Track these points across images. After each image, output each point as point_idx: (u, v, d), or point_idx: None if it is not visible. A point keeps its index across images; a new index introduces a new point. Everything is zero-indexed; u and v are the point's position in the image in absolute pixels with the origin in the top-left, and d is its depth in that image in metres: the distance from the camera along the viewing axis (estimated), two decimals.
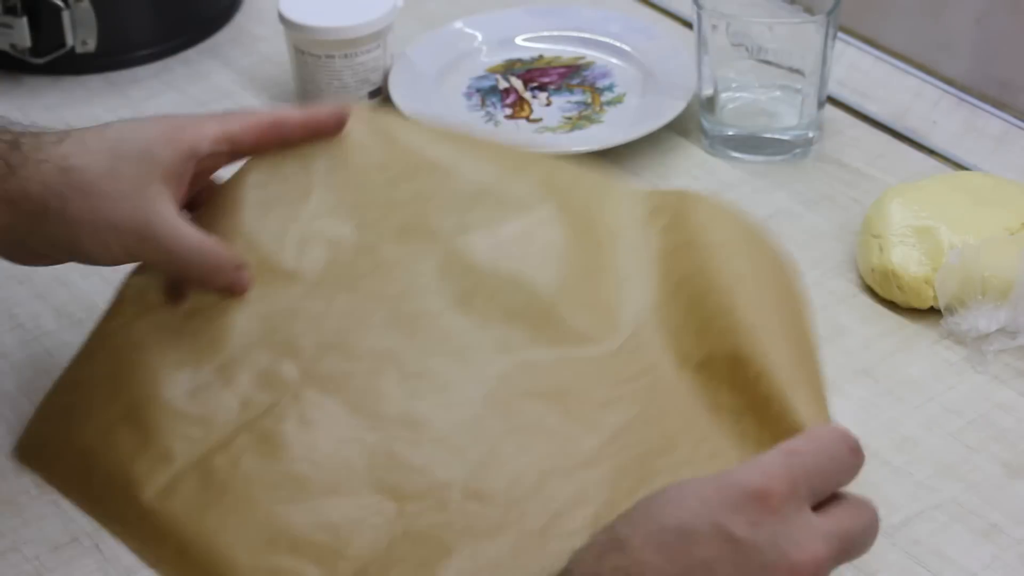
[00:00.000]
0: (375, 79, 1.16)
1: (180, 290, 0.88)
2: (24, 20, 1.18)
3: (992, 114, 1.14)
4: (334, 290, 0.88)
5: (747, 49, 1.08)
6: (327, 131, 0.92)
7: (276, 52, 1.22)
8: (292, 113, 0.91)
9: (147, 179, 0.85)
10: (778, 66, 1.08)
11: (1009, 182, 1.03)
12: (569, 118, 1.14)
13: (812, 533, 0.67)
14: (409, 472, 0.80)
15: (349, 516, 0.79)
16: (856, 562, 0.82)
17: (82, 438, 0.85)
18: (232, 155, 0.90)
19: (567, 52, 1.21)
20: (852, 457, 0.70)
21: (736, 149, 1.11)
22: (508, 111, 1.15)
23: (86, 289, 1.02)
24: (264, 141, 0.90)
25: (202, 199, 0.91)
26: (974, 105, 1.15)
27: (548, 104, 1.16)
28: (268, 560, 0.79)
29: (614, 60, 1.20)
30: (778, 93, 1.10)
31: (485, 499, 0.78)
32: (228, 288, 0.87)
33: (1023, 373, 0.94)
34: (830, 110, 1.15)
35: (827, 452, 0.70)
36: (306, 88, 1.16)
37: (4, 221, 0.85)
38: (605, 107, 1.15)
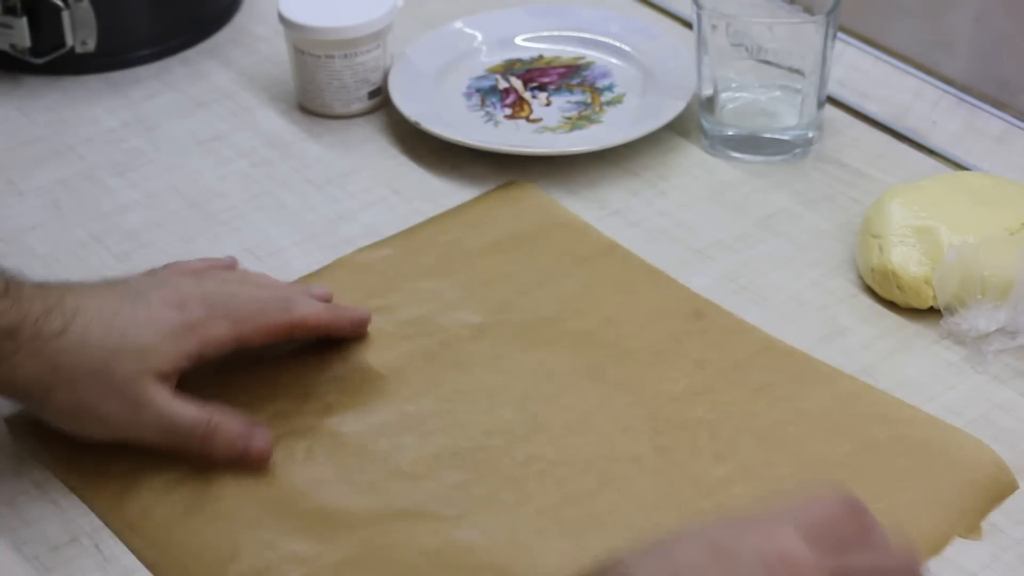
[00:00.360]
0: (375, 79, 1.16)
1: None
2: (24, 20, 1.18)
3: (992, 114, 1.14)
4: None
5: (747, 49, 1.08)
6: (345, 335, 0.94)
7: (276, 52, 1.22)
8: (311, 317, 0.90)
9: (140, 375, 0.85)
10: (778, 66, 1.08)
11: (1009, 182, 1.03)
12: (569, 118, 1.14)
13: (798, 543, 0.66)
14: None
15: None
16: None
17: None
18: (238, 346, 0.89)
19: (567, 52, 1.21)
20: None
21: (736, 149, 1.11)
22: (508, 111, 1.15)
23: None
24: (275, 339, 0.91)
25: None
26: (974, 105, 1.15)
27: (548, 104, 1.15)
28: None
29: (614, 60, 1.20)
30: (778, 93, 1.10)
31: None
32: (243, 458, 0.86)
33: (1023, 373, 0.94)
34: (830, 110, 1.15)
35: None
36: (306, 88, 1.16)
37: None
38: (605, 107, 1.15)
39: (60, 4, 1.17)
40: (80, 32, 1.19)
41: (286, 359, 0.94)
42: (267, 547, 0.83)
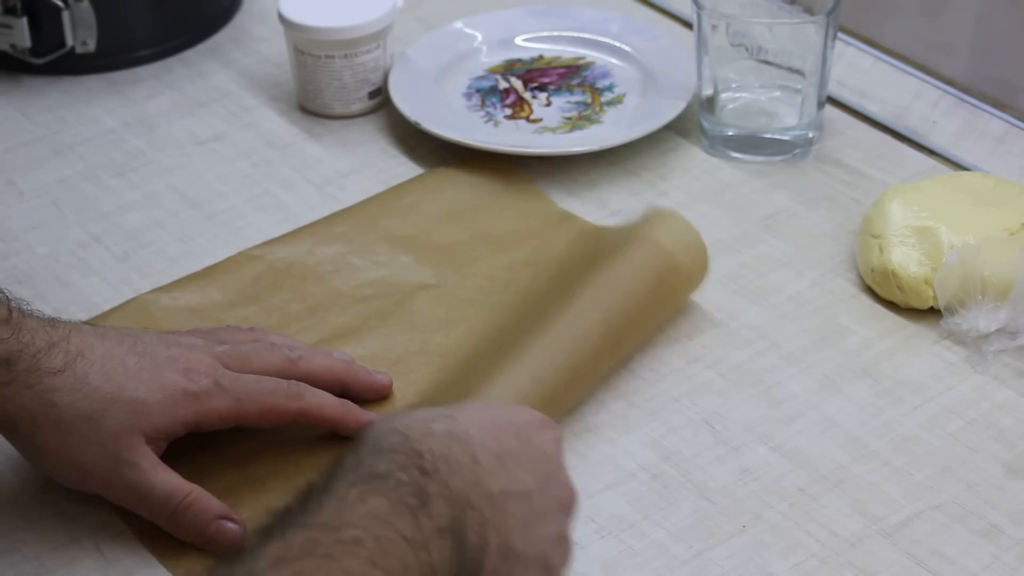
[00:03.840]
0: (375, 79, 1.16)
1: None
2: (24, 20, 1.18)
3: (992, 114, 1.14)
4: None
5: (747, 49, 1.08)
6: (344, 432, 0.90)
7: (276, 52, 1.22)
8: (318, 410, 0.88)
9: (129, 431, 0.83)
10: (778, 66, 1.08)
11: (1009, 182, 1.03)
12: (569, 118, 1.14)
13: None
14: None
15: None
16: (856, 562, 0.83)
17: None
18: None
19: (567, 52, 1.21)
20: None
21: (736, 149, 1.11)
22: (508, 111, 1.15)
23: (86, 290, 1.02)
24: (278, 424, 0.88)
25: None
26: (974, 105, 1.15)
27: (548, 104, 1.15)
28: None
29: (614, 60, 1.20)
30: (778, 93, 1.10)
31: None
32: (211, 541, 0.84)
33: (1023, 373, 0.94)
34: (830, 110, 1.15)
35: None
36: (306, 88, 1.16)
37: None
38: (605, 107, 1.15)
39: (60, 4, 1.17)
40: (80, 32, 1.19)
41: None
42: None
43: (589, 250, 0.96)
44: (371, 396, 0.92)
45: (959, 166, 1.10)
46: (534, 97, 1.16)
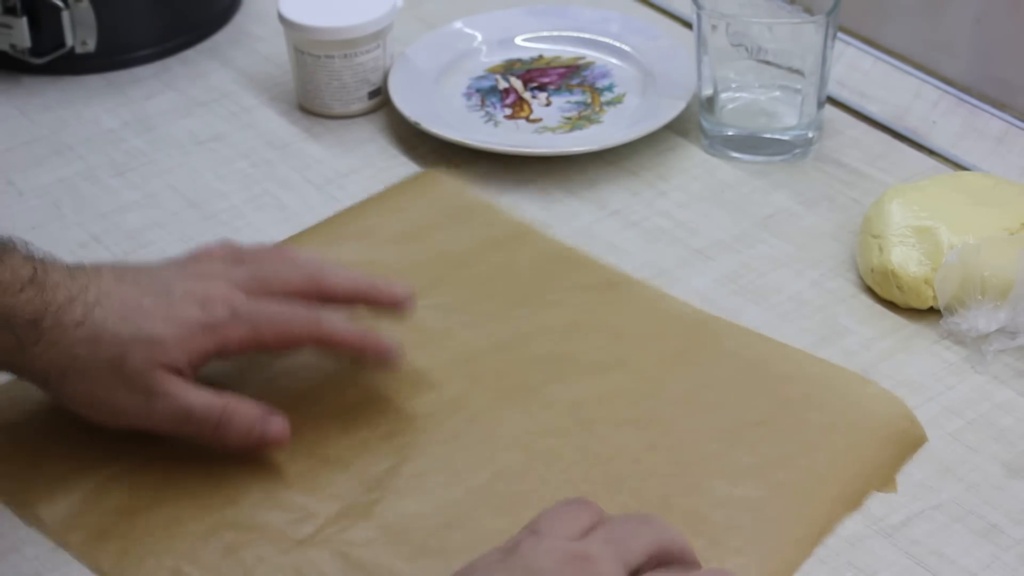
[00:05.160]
0: (375, 79, 1.16)
1: None
2: (24, 20, 1.18)
3: (992, 114, 1.14)
4: None
5: (747, 49, 1.08)
6: (368, 362, 0.91)
7: (276, 52, 1.22)
8: (337, 335, 0.89)
9: (151, 367, 0.85)
10: (778, 66, 1.08)
11: (1009, 182, 1.03)
12: (569, 118, 1.14)
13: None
14: None
15: None
16: (856, 562, 0.83)
17: None
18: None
19: (567, 52, 1.21)
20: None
21: (736, 149, 1.11)
22: (508, 111, 1.15)
23: None
24: (296, 347, 0.89)
25: None
26: (974, 105, 1.15)
27: (548, 104, 1.15)
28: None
29: (614, 60, 1.20)
30: (778, 93, 1.10)
31: None
32: (260, 444, 0.86)
33: (1023, 373, 0.94)
34: (830, 110, 1.15)
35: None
36: (306, 88, 1.16)
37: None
38: (605, 107, 1.15)
39: (60, 4, 1.17)
40: (80, 32, 1.19)
41: None
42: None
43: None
44: (392, 308, 0.92)
45: (959, 166, 1.10)
46: (534, 97, 1.16)
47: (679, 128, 1.13)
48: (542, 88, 1.17)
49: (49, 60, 1.20)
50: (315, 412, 0.91)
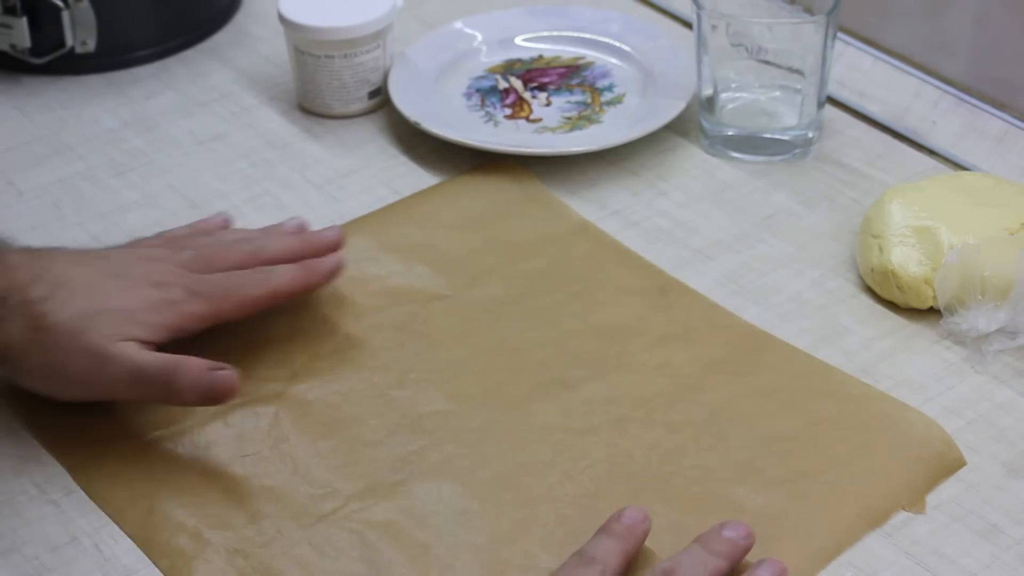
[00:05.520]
0: (375, 79, 1.16)
1: None
2: (24, 20, 1.18)
3: (992, 114, 1.14)
4: None
5: (747, 49, 1.08)
6: (317, 288, 0.96)
7: (276, 52, 1.22)
8: (286, 285, 0.93)
9: (112, 338, 0.87)
10: (778, 66, 1.08)
11: (1009, 182, 1.03)
12: (569, 118, 1.14)
13: None
14: None
15: None
16: (856, 562, 0.83)
17: None
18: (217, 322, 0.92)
19: (567, 52, 1.21)
20: None
21: (736, 149, 1.11)
22: (508, 111, 1.15)
23: None
24: (254, 312, 0.93)
25: None
26: (974, 105, 1.15)
27: (548, 104, 1.15)
28: None
29: (614, 60, 1.20)
30: (778, 93, 1.10)
31: None
32: (210, 392, 0.87)
33: (1023, 373, 0.94)
34: (830, 110, 1.15)
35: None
36: (306, 88, 1.16)
37: None
38: (605, 107, 1.15)
39: (60, 4, 1.17)
40: (80, 32, 1.19)
41: (259, 325, 0.96)
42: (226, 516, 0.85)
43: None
44: (329, 254, 0.97)
45: (959, 166, 1.11)
46: (534, 97, 1.16)
47: (679, 128, 1.13)
48: (542, 88, 1.17)
49: (49, 60, 1.20)
50: (354, 395, 0.92)
